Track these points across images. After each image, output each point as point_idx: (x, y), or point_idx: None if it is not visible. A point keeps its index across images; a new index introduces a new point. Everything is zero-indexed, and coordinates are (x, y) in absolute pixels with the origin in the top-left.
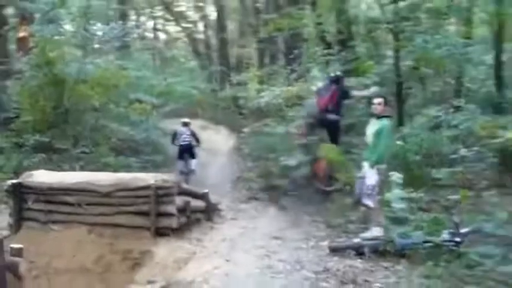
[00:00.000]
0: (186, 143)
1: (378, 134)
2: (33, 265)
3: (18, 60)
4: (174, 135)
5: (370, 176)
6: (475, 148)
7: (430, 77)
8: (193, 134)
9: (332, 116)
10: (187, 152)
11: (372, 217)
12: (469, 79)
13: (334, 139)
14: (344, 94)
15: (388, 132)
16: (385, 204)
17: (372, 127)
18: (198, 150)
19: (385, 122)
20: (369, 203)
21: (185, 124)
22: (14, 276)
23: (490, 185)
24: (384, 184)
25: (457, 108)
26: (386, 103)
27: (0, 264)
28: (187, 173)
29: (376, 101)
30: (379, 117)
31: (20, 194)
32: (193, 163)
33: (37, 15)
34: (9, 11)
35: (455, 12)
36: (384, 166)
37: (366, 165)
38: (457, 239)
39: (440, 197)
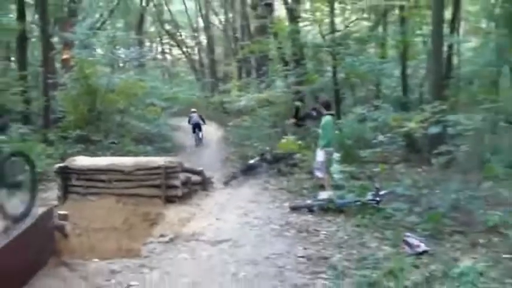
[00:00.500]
0: (196, 122)
1: (324, 126)
2: (76, 226)
3: (63, 76)
4: (189, 118)
5: (319, 155)
6: (389, 135)
7: (357, 85)
8: (200, 117)
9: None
10: (197, 127)
11: (320, 185)
12: (384, 86)
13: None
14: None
15: (331, 125)
16: (330, 175)
17: (321, 122)
18: (203, 126)
19: (328, 117)
20: (318, 174)
21: (194, 112)
22: (62, 235)
23: (399, 160)
24: (329, 161)
25: (376, 107)
26: (326, 105)
27: (51, 226)
28: (199, 140)
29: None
30: (323, 114)
31: (65, 174)
32: (201, 134)
33: (76, 42)
34: (55, 39)
35: (374, 40)
36: (330, 149)
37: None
38: (377, 199)
39: (365, 169)
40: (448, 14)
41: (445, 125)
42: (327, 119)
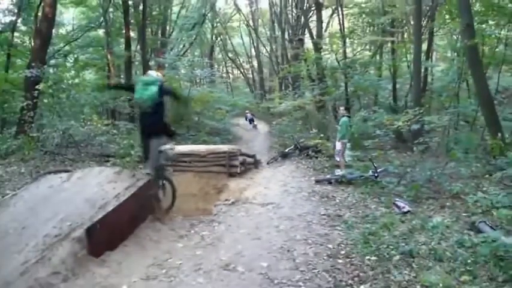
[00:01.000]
0: (250, 118)
1: (341, 125)
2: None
3: None
4: (246, 116)
5: (337, 145)
6: (384, 130)
7: (362, 96)
8: (252, 114)
9: None
10: (252, 121)
11: (336, 165)
12: (380, 96)
13: None
14: None
15: (346, 124)
16: (344, 159)
17: (341, 122)
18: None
19: (345, 118)
20: (337, 158)
21: (248, 112)
22: (156, 199)
23: (391, 148)
24: (344, 149)
25: (375, 111)
26: (346, 109)
27: (149, 193)
28: (254, 127)
29: (340, 108)
30: (342, 116)
31: None
32: (253, 124)
33: (166, 65)
34: (152, 62)
35: (373, 64)
36: (345, 140)
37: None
38: (376, 175)
39: (367, 154)
40: (424, 46)
41: (422, 123)
42: (343, 119)
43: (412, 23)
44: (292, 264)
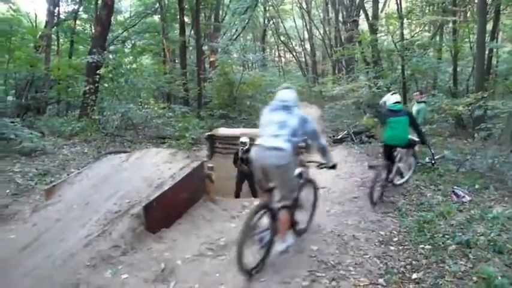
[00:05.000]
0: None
1: (419, 111)
2: (219, 175)
3: (210, 72)
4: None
5: None
6: (443, 115)
7: (420, 79)
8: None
9: None
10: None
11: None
12: (439, 80)
13: None
14: None
15: (425, 111)
16: None
17: (415, 107)
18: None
19: (422, 105)
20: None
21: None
22: (209, 180)
23: (449, 135)
24: None
25: (433, 95)
26: (421, 93)
27: (203, 174)
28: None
29: (415, 93)
30: (418, 102)
31: (212, 139)
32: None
33: (219, 49)
34: (205, 47)
35: (432, 45)
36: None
37: None
38: (433, 161)
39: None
40: (489, 26)
41: (485, 108)
42: (421, 106)
43: (476, 0)
44: (342, 248)
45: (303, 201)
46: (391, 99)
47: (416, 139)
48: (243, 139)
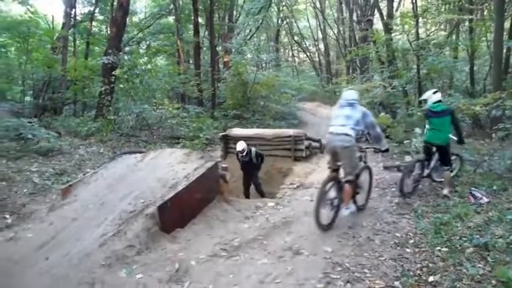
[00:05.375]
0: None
1: None
2: (233, 175)
3: (224, 73)
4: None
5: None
6: (460, 115)
7: (435, 78)
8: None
9: None
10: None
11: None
12: (455, 79)
13: None
14: None
15: None
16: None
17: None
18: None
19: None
20: None
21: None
22: (224, 180)
23: (467, 135)
24: None
25: (450, 95)
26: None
27: (217, 174)
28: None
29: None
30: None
31: (226, 139)
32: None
33: (233, 50)
34: (219, 47)
35: (448, 44)
36: None
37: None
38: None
39: None
40: (507, 24)
41: (503, 108)
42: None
43: None
44: (357, 250)
45: (362, 183)
46: (432, 98)
47: (454, 137)
48: (239, 147)
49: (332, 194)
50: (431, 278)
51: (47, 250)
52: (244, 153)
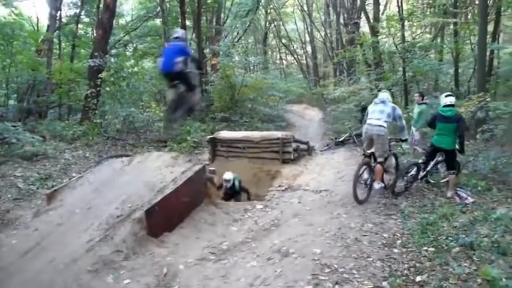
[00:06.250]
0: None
1: (420, 112)
2: (221, 178)
3: (212, 75)
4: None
5: (415, 134)
6: None
7: (421, 81)
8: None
9: None
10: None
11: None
12: (441, 82)
13: None
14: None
15: (425, 112)
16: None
17: (416, 109)
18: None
19: (423, 106)
20: (418, 148)
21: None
22: (211, 184)
23: None
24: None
25: (435, 97)
26: (422, 96)
27: (205, 178)
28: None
29: (415, 95)
30: (419, 103)
31: (213, 142)
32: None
33: (221, 52)
34: (207, 50)
35: (434, 47)
36: (423, 129)
37: (413, 129)
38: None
39: (426, 142)
40: (490, 27)
41: (487, 110)
42: (422, 107)
43: (477, 2)
44: (345, 251)
45: (389, 167)
46: (444, 101)
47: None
48: (226, 176)
49: (365, 175)
50: (418, 278)
51: (32, 256)
52: (230, 184)
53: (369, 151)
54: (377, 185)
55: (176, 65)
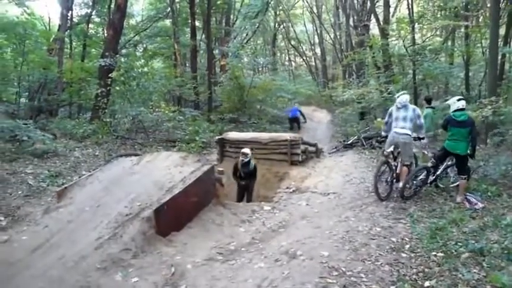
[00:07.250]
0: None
1: (425, 117)
2: (229, 179)
3: (221, 76)
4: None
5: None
6: None
7: (431, 84)
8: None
9: None
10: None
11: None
12: (451, 85)
13: None
14: None
15: (431, 116)
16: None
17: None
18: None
19: (429, 110)
20: (425, 152)
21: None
22: (220, 184)
23: None
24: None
25: (445, 100)
26: (428, 101)
27: (213, 178)
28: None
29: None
30: (426, 107)
31: (222, 143)
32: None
33: (230, 53)
34: (216, 51)
35: (444, 50)
36: (429, 133)
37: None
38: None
39: (436, 146)
40: (502, 30)
41: (498, 114)
42: (427, 111)
43: (488, 5)
44: (353, 255)
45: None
46: (456, 105)
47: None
48: (246, 150)
49: (386, 174)
50: (427, 283)
51: (41, 253)
52: (247, 159)
53: (388, 150)
54: (400, 184)
55: None
